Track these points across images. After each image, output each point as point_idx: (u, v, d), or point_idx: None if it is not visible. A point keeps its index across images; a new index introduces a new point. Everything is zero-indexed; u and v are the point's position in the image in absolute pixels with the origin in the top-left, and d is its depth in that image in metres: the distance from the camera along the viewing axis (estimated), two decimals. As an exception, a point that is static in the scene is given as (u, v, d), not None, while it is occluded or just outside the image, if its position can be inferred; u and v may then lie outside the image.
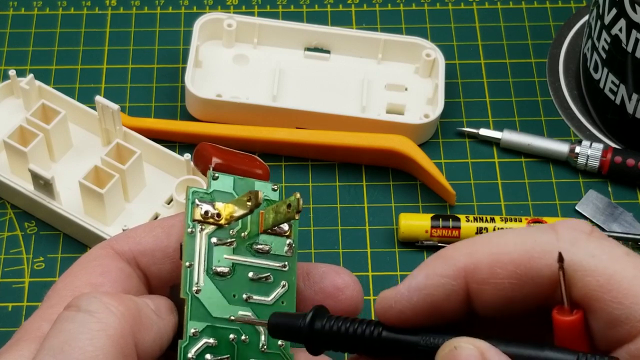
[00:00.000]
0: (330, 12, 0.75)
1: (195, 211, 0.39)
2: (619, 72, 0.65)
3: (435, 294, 0.36)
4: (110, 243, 0.41)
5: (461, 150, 0.69)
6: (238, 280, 0.40)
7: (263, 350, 0.40)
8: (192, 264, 0.39)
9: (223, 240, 0.39)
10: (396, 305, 0.36)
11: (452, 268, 0.36)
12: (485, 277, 0.35)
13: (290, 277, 0.41)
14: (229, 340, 0.39)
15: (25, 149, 0.62)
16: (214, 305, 0.39)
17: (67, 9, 0.75)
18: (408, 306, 0.36)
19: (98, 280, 0.39)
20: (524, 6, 0.76)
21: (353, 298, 0.42)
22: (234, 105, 0.67)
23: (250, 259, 0.40)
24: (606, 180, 0.67)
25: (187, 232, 0.39)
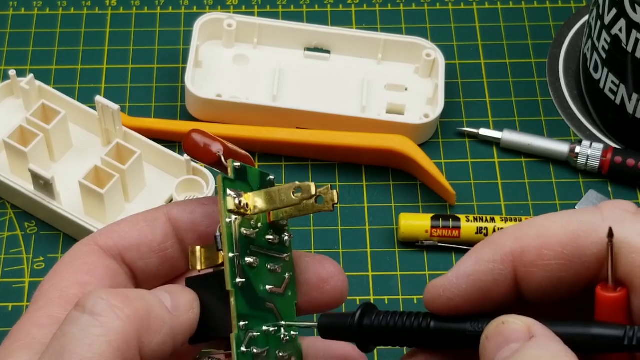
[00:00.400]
0: (330, 12, 0.75)
1: (229, 201, 0.38)
2: (619, 72, 0.65)
3: (483, 279, 0.36)
4: (94, 239, 0.40)
5: (461, 150, 0.69)
6: (262, 271, 0.39)
7: (285, 341, 0.40)
8: (235, 255, 0.38)
9: (250, 231, 0.39)
10: (445, 293, 0.36)
11: (499, 253, 0.36)
12: (533, 260, 0.35)
13: (291, 267, 0.41)
14: (264, 332, 0.39)
15: (25, 149, 0.62)
16: (250, 297, 0.38)
17: (67, 9, 0.75)
18: (457, 293, 0.36)
19: (85, 279, 0.39)
20: (524, 6, 0.76)
21: (337, 288, 0.42)
22: (234, 105, 0.67)
23: (267, 250, 0.40)
24: (606, 180, 0.67)
25: (226, 222, 0.38)
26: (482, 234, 0.63)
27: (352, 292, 0.62)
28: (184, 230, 0.41)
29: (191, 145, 0.40)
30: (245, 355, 0.37)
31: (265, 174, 0.41)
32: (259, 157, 0.68)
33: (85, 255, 0.40)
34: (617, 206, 0.36)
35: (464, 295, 0.36)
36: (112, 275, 0.39)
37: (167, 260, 0.41)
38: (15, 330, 0.37)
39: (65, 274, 0.39)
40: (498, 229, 0.63)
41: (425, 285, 0.63)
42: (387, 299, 0.62)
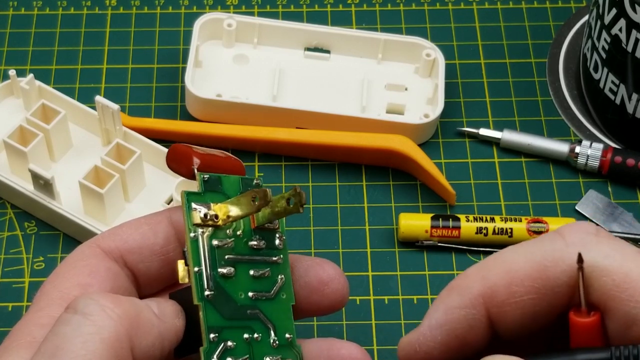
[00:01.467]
0: (330, 12, 0.75)
1: (194, 215, 0.39)
2: (619, 72, 0.65)
3: (458, 327, 0.35)
4: (97, 241, 0.40)
5: (461, 150, 0.69)
6: (241, 279, 0.39)
7: (275, 346, 0.39)
8: (201, 268, 0.38)
9: (223, 241, 0.39)
10: (421, 347, 0.36)
11: (468, 297, 0.35)
12: (505, 299, 0.35)
13: (285, 269, 0.41)
14: (244, 340, 0.39)
15: (25, 149, 0.62)
16: (225, 307, 0.39)
17: (67, 9, 0.75)
18: (434, 346, 0.35)
19: (86, 281, 0.39)
20: (524, 6, 0.76)
21: (338, 291, 0.42)
22: (234, 105, 0.67)
23: (249, 256, 0.40)
24: (606, 180, 0.67)
25: (190, 237, 0.38)
26: (482, 234, 0.63)
27: (352, 292, 0.62)
28: None
29: (171, 159, 0.40)
30: None
31: (249, 178, 0.41)
32: (259, 157, 0.68)
33: (87, 257, 0.40)
34: (578, 229, 0.35)
35: (441, 347, 0.35)
36: (114, 277, 0.40)
37: (168, 263, 0.41)
38: (16, 330, 0.38)
39: (67, 275, 0.39)
40: (498, 229, 0.63)
41: (424, 285, 0.63)
42: (387, 298, 0.62)
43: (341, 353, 0.41)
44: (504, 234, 0.63)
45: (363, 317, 0.61)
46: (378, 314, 0.61)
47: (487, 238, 0.63)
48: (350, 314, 0.61)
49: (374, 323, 0.61)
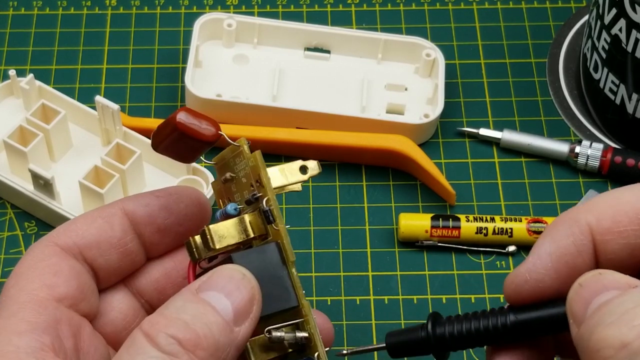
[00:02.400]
0: (330, 12, 0.75)
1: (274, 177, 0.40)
2: (619, 72, 0.65)
3: (567, 253, 0.36)
4: (53, 239, 0.40)
5: (461, 150, 0.69)
6: None
7: None
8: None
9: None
10: (531, 275, 0.36)
11: (576, 224, 0.36)
12: (609, 227, 0.35)
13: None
14: None
15: (25, 149, 0.62)
16: None
17: (67, 9, 0.75)
18: (545, 273, 0.36)
19: (52, 281, 0.39)
20: (524, 6, 0.76)
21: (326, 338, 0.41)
22: (234, 105, 0.67)
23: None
24: (606, 180, 0.67)
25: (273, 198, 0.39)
26: (482, 234, 0.63)
27: (352, 292, 0.62)
28: (142, 224, 0.41)
29: (188, 122, 0.40)
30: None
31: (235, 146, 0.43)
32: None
33: (47, 257, 0.40)
34: None
35: (552, 273, 0.36)
36: (77, 275, 0.40)
37: (127, 255, 0.41)
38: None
39: (30, 277, 0.39)
40: (498, 229, 0.63)
41: (424, 285, 0.63)
42: (387, 298, 0.62)
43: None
44: (504, 234, 0.63)
45: (363, 317, 0.61)
46: (378, 314, 0.61)
47: (487, 238, 0.63)
48: (350, 314, 0.61)
49: (374, 323, 0.61)
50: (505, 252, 0.64)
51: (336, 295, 0.62)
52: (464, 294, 0.62)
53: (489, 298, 0.62)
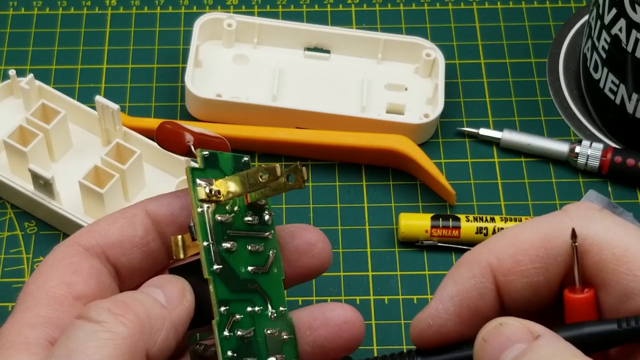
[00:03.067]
0: (330, 12, 0.75)
1: (200, 190, 0.39)
2: (619, 72, 0.65)
3: (469, 297, 0.36)
4: (77, 239, 0.41)
5: (461, 150, 0.69)
6: (242, 254, 0.40)
7: (273, 318, 0.40)
8: (209, 243, 0.39)
9: (225, 216, 0.40)
10: (434, 320, 0.36)
11: (477, 267, 0.36)
12: (510, 267, 0.35)
13: (275, 245, 0.42)
14: (248, 313, 0.39)
15: (25, 149, 0.62)
16: (230, 281, 0.39)
17: (67, 9, 0.75)
18: (447, 317, 0.36)
19: (71, 279, 0.39)
20: (524, 6, 0.76)
21: (325, 250, 0.43)
22: (234, 105, 0.67)
23: (245, 231, 0.41)
24: (606, 180, 0.67)
25: (197, 212, 0.39)
26: (482, 234, 0.63)
27: (352, 292, 0.62)
28: (164, 223, 0.42)
29: (162, 137, 0.41)
30: (229, 339, 0.38)
31: (239, 156, 0.42)
32: (259, 157, 0.68)
33: (69, 256, 0.40)
34: (582, 206, 0.36)
35: (454, 317, 0.36)
36: (97, 274, 0.40)
37: (149, 254, 0.41)
38: (6, 331, 0.38)
39: (50, 274, 0.40)
40: (498, 229, 0.63)
41: (424, 285, 0.63)
42: (387, 298, 0.62)
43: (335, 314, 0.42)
44: (504, 234, 0.63)
45: (363, 317, 0.61)
46: (378, 314, 0.61)
47: (487, 238, 0.63)
48: (350, 314, 0.61)
49: (374, 323, 0.61)
50: (505, 252, 0.64)
51: (336, 295, 0.62)
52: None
53: (489, 298, 0.62)
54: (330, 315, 0.42)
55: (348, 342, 0.42)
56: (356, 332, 0.42)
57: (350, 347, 0.42)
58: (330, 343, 0.42)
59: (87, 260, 0.40)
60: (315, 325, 0.42)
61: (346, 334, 0.42)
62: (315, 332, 0.42)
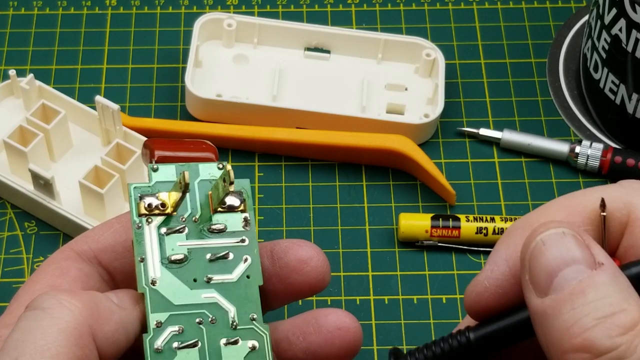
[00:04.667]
0: (330, 12, 0.75)
1: (139, 206, 0.40)
2: (619, 72, 0.65)
3: None
4: (70, 245, 0.41)
5: (461, 150, 0.69)
6: (196, 264, 0.40)
7: (234, 327, 0.39)
8: (144, 257, 0.39)
9: (173, 228, 0.40)
10: (490, 282, 0.36)
11: (529, 228, 0.35)
12: None
13: (252, 250, 0.40)
14: (196, 324, 0.39)
15: (25, 149, 0.62)
16: (175, 293, 0.39)
17: (67, 9, 0.75)
18: (503, 279, 0.35)
19: (56, 282, 0.39)
20: (524, 6, 0.76)
21: (318, 268, 0.41)
22: (234, 105, 0.67)
23: (205, 241, 0.40)
24: (606, 180, 0.67)
25: (134, 228, 0.39)
26: (482, 234, 0.63)
27: (352, 292, 0.62)
28: None
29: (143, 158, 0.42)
30: (161, 352, 0.38)
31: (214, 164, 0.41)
32: (259, 157, 0.68)
33: (58, 260, 0.40)
34: (637, 181, 0.36)
35: (510, 278, 0.35)
36: (84, 277, 0.40)
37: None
38: None
39: (38, 279, 0.40)
40: (498, 229, 0.63)
41: (424, 285, 0.63)
42: (387, 298, 0.62)
43: (328, 320, 0.41)
44: (504, 234, 0.63)
45: (363, 317, 0.61)
46: (378, 314, 0.61)
47: (487, 238, 0.63)
48: (350, 314, 0.61)
49: (374, 323, 0.61)
50: (505, 252, 0.64)
51: (336, 295, 0.62)
52: (464, 294, 0.62)
53: (489, 298, 0.62)
54: (323, 321, 0.41)
55: (341, 350, 0.41)
56: (350, 338, 0.41)
57: (344, 354, 0.41)
58: (323, 350, 0.41)
59: (75, 264, 0.40)
60: (308, 331, 0.41)
61: (339, 340, 0.41)
62: (307, 338, 0.41)
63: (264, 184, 0.66)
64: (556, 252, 0.33)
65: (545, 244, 0.33)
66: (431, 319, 0.61)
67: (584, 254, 0.33)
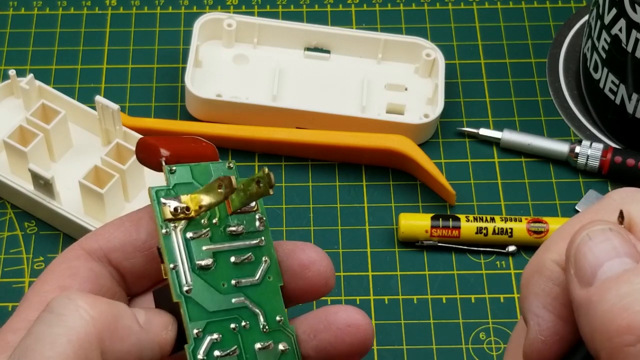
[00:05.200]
0: (330, 12, 0.75)
1: (165, 210, 0.38)
2: (619, 72, 0.65)
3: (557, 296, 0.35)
4: (80, 244, 0.40)
5: (461, 150, 0.69)
6: (222, 268, 0.39)
7: (265, 331, 0.39)
8: (177, 264, 0.38)
9: (198, 232, 0.39)
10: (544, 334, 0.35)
11: (546, 269, 0.35)
12: None
13: (269, 250, 0.40)
14: (231, 330, 0.38)
15: (25, 149, 0.62)
16: (208, 300, 0.38)
17: (67, 9, 0.75)
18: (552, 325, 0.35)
19: (66, 283, 0.39)
20: (524, 6, 0.76)
21: (321, 274, 0.40)
22: (234, 105, 0.67)
23: (228, 243, 0.39)
24: (606, 180, 0.67)
25: (162, 234, 0.38)
26: (482, 234, 0.63)
27: (352, 292, 0.62)
28: None
29: (140, 155, 0.40)
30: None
31: (222, 163, 0.41)
32: (259, 157, 0.68)
33: (68, 259, 0.40)
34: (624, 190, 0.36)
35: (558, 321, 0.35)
36: (95, 277, 0.39)
37: (153, 258, 0.40)
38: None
39: (48, 278, 0.39)
40: (498, 229, 0.63)
41: (424, 285, 0.63)
42: (387, 298, 0.62)
43: (338, 317, 0.41)
44: (504, 234, 0.63)
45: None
46: (378, 314, 0.61)
47: (487, 238, 0.63)
48: (350, 314, 0.61)
49: (374, 323, 0.61)
50: (505, 252, 0.64)
51: (336, 295, 0.62)
52: (464, 294, 0.62)
53: (489, 298, 0.62)
54: (333, 318, 0.41)
55: (352, 347, 0.40)
56: (361, 335, 0.41)
57: (355, 351, 0.41)
58: (334, 347, 0.40)
59: (85, 263, 0.40)
60: (319, 329, 0.41)
61: (349, 337, 0.40)
62: (318, 335, 0.41)
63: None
64: (602, 246, 0.33)
65: (592, 238, 0.33)
66: (431, 319, 0.61)
67: (630, 249, 0.33)
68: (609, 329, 0.31)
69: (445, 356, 0.60)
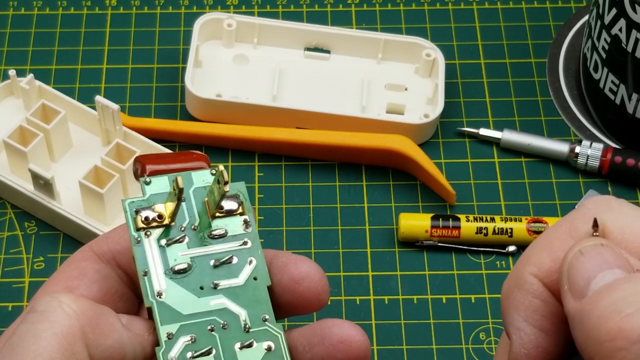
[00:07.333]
0: (330, 12, 0.75)
1: (136, 220, 0.39)
2: (619, 72, 0.65)
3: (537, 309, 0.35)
4: (91, 246, 0.41)
5: (461, 150, 0.69)
6: (201, 271, 0.39)
7: (247, 330, 0.39)
8: (147, 270, 0.39)
9: (173, 238, 0.39)
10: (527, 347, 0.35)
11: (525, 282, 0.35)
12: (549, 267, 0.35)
13: (256, 252, 0.40)
14: (208, 331, 0.38)
15: (25, 149, 0.62)
16: (183, 303, 0.39)
17: (67, 9, 0.75)
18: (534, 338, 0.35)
19: (73, 283, 0.39)
20: (524, 6, 0.76)
21: (312, 290, 0.40)
22: (234, 105, 0.67)
23: (207, 247, 0.40)
24: (606, 180, 0.67)
25: (133, 243, 0.39)
26: (482, 234, 0.63)
27: (352, 292, 0.62)
28: None
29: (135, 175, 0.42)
30: None
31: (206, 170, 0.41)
32: (259, 157, 0.68)
33: (77, 261, 0.40)
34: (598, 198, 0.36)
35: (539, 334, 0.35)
36: (103, 279, 0.40)
37: None
38: (1, 336, 0.38)
39: (57, 279, 0.40)
40: (498, 229, 0.63)
41: (424, 285, 0.63)
42: (387, 298, 0.62)
43: (332, 331, 0.40)
44: (504, 234, 0.63)
45: (363, 317, 0.61)
46: (378, 314, 0.61)
47: (487, 238, 0.63)
48: (350, 314, 0.61)
49: (374, 323, 0.61)
50: (505, 252, 0.64)
51: (336, 295, 0.62)
52: (464, 294, 0.62)
53: (489, 298, 0.62)
54: (327, 332, 0.40)
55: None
56: (353, 352, 0.40)
57: None
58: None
59: (94, 265, 0.40)
60: (313, 342, 0.40)
61: (341, 354, 0.40)
62: (312, 349, 0.40)
63: (264, 184, 0.66)
64: (594, 260, 0.33)
65: (584, 253, 0.33)
66: (431, 319, 0.61)
67: (621, 261, 0.33)
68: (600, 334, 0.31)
69: (445, 356, 0.60)
